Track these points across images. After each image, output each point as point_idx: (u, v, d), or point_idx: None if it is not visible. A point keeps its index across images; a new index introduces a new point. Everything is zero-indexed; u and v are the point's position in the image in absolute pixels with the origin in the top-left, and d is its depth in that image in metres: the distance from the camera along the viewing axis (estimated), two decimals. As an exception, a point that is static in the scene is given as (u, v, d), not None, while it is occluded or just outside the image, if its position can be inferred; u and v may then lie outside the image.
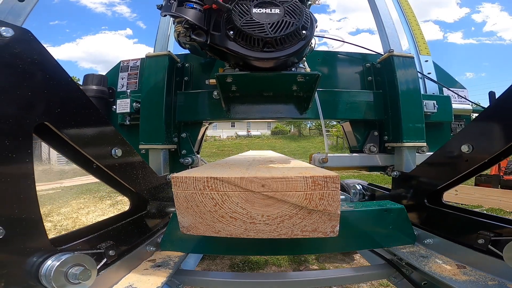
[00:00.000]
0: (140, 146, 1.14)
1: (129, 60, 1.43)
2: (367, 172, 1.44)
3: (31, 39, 0.57)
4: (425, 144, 1.14)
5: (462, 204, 4.18)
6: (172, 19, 0.93)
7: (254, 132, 29.38)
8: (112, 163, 0.77)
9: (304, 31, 0.85)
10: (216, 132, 27.57)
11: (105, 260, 0.72)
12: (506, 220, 0.79)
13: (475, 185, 5.15)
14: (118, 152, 0.77)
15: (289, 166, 0.81)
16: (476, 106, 1.43)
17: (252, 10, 0.85)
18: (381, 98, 1.26)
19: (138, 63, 1.41)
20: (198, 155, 1.27)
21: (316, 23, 0.98)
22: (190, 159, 1.23)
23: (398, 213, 0.94)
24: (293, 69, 0.96)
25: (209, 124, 1.50)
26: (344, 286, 1.71)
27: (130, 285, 0.70)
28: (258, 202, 0.62)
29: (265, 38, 0.81)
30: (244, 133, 28.99)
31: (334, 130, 20.08)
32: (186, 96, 1.24)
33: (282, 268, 2.13)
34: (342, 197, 1.39)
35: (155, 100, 1.14)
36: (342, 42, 1.42)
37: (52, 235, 2.36)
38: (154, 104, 1.14)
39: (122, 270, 0.75)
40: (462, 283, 0.69)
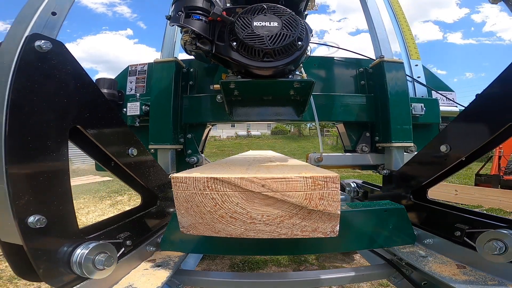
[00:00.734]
0: (150, 146, 1.25)
1: (137, 65, 1.54)
2: (367, 172, 1.51)
3: (65, 51, 0.65)
4: (413, 144, 1.24)
5: (462, 204, 4.22)
6: (179, 28, 1.03)
7: (254, 132, 29.32)
8: (129, 161, 0.87)
9: (300, 42, 0.96)
10: (216, 132, 27.46)
11: (123, 250, 0.81)
12: (480, 214, 0.89)
13: (475, 185, 5.16)
14: (134, 152, 0.88)
15: (289, 166, 0.82)
16: (464, 108, 1.53)
17: (253, 23, 0.95)
18: (373, 101, 1.36)
19: (146, 68, 1.51)
20: (202, 155, 1.38)
21: (312, 33, 1.08)
22: (195, 158, 1.33)
23: (398, 213, 0.96)
24: (290, 76, 1.06)
25: (212, 126, 1.60)
26: (344, 286, 1.74)
27: (130, 285, 0.71)
28: (258, 202, 0.63)
29: (265, 49, 0.91)
30: (244, 133, 28.94)
31: (334, 131, 20.21)
32: (192, 100, 1.35)
33: (282, 268, 2.16)
34: (342, 197, 1.46)
35: (164, 104, 1.25)
36: (337, 47, 1.53)
37: None
38: (163, 107, 1.25)
39: (122, 270, 0.75)
40: (462, 283, 0.70)
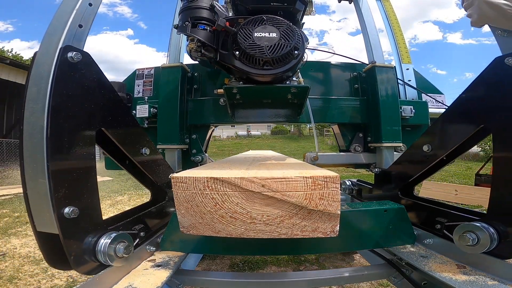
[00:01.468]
0: (158, 146, 1.34)
1: (144, 69, 1.64)
2: (366, 173, 1.57)
3: (91, 61, 0.74)
4: (402, 144, 1.34)
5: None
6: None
7: (254, 132, 29.22)
8: (142, 160, 0.97)
9: (296, 51, 1.05)
10: (216, 132, 27.33)
11: (138, 240, 0.90)
12: (457, 209, 0.98)
13: (475, 185, 5.09)
14: (147, 151, 0.98)
15: (289, 166, 0.83)
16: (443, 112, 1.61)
17: (254, 34, 1.05)
18: (365, 104, 1.46)
19: (152, 72, 1.61)
20: (206, 154, 1.49)
21: (307, 42, 1.19)
22: (200, 157, 1.44)
23: (398, 213, 0.97)
24: (288, 82, 1.16)
25: (215, 127, 1.71)
26: (344, 286, 1.76)
27: (130, 285, 0.71)
28: (258, 202, 0.63)
29: (265, 59, 1.01)
30: (244, 133, 28.88)
31: (335, 131, 20.24)
32: (196, 103, 1.45)
33: (282, 268, 2.18)
34: (342, 197, 1.49)
35: (171, 106, 1.35)
36: (333, 53, 1.63)
37: None
38: (170, 110, 1.35)
39: (122, 270, 0.76)
40: (462, 283, 0.70)
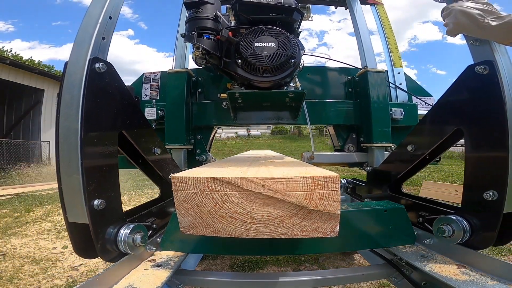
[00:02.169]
0: (166, 146, 1.45)
1: (151, 73, 1.75)
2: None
3: (114, 71, 0.83)
4: (392, 144, 1.45)
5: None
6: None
7: (254, 132, 29.13)
8: (154, 159, 1.08)
9: (293, 60, 1.16)
10: (217, 132, 27.39)
11: (151, 231, 1.00)
12: (437, 203, 1.08)
13: None
14: (158, 151, 1.09)
15: (289, 166, 0.84)
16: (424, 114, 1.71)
17: (255, 44, 1.16)
18: (358, 107, 1.57)
19: (159, 76, 1.73)
20: (210, 153, 1.60)
21: (303, 50, 1.30)
22: (204, 157, 1.55)
23: (398, 213, 0.98)
24: (286, 87, 1.27)
25: (218, 128, 1.83)
26: (344, 286, 1.79)
27: (130, 285, 0.72)
28: (258, 202, 0.63)
29: (264, 67, 1.12)
30: (244, 133, 28.90)
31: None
32: (201, 106, 1.57)
33: (282, 268, 2.20)
34: (342, 197, 1.54)
35: (177, 109, 1.47)
36: (328, 58, 1.75)
37: (53, 235, 2.77)
38: (177, 113, 1.47)
39: (122, 270, 0.77)
40: (462, 283, 0.70)
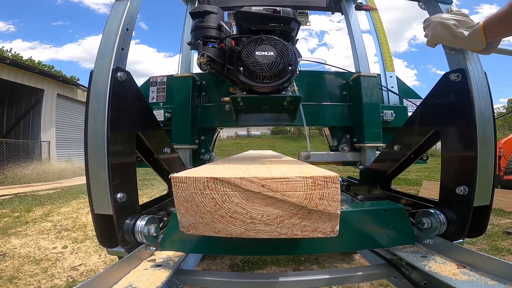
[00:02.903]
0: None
1: (157, 77, 1.88)
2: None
3: (132, 79, 0.94)
4: (383, 144, 1.58)
5: None
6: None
7: (254, 132, 29.16)
8: (164, 157, 1.21)
9: (290, 67, 1.28)
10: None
11: (162, 223, 1.08)
12: (419, 198, 1.20)
13: None
14: (168, 150, 1.22)
15: (289, 166, 0.84)
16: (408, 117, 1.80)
17: (255, 53, 1.28)
18: (352, 109, 1.69)
19: (165, 80, 1.85)
20: (213, 153, 1.73)
21: (300, 57, 1.41)
22: (208, 156, 1.69)
23: (398, 213, 0.99)
24: (284, 92, 1.39)
25: (221, 129, 1.96)
26: (344, 286, 1.81)
27: (130, 285, 0.73)
28: (258, 202, 0.64)
29: (264, 74, 1.25)
30: (244, 133, 28.96)
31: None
32: (205, 108, 1.69)
33: (282, 268, 2.23)
34: (343, 197, 1.57)
35: (183, 112, 1.60)
36: (325, 63, 1.88)
37: (53, 235, 3.17)
38: (183, 114, 1.60)
39: (122, 270, 0.79)
40: (462, 283, 0.71)
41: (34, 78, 10.85)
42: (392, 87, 1.83)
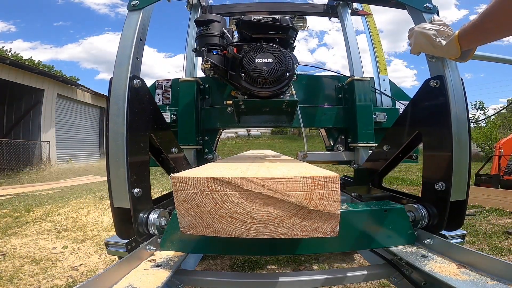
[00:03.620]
0: (178, 146, 1.72)
1: (163, 80, 2.01)
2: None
3: (145, 85, 1.06)
4: (374, 144, 1.70)
5: None
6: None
7: (254, 132, 29.25)
8: (172, 156, 1.34)
9: (288, 73, 1.41)
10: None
11: (170, 217, 1.21)
12: (406, 194, 1.32)
13: (475, 185, 5.28)
14: (175, 150, 1.35)
15: (289, 166, 0.85)
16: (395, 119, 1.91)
17: (256, 60, 1.41)
18: (346, 111, 1.82)
19: (170, 83, 1.97)
20: (216, 153, 1.86)
21: (297, 63, 1.54)
22: (211, 155, 1.82)
23: (398, 213, 1.00)
24: (282, 96, 1.52)
25: (223, 130, 2.09)
26: (344, 286, 1.82)
27: (130, 285, 0.73)
28: (258, 202, 0.64)
29: (264, 80, 1.38)
30: (244, 133, 29.04)
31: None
32: (208, 110, 1.83)
33: (282, 268, 2.25)
34: (343, 197, 1.62)
35: (188, 114, 1.73)
36: (321, 68, 2.01)
37: (53, 235, 3.34)
38: (188, 117, 1.73)
39: (122, 270, 0.80)
40: (462, 283, 0.71)
41: (34, 78, 10.97)
42: (385, 90, 1.95)
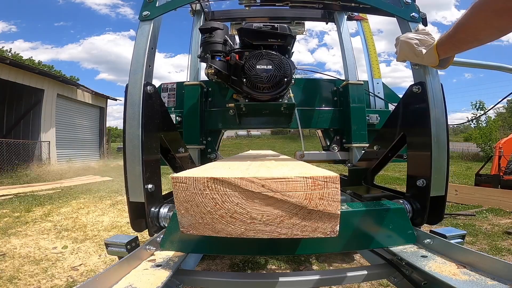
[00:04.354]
0: (183, 146, 1.86)
1: (168, 83, 2.15)
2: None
3: (157, 90, 1.16)
4: (367, 144, 1.84)
5: (462, 204, 4.45)
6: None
7: (254, 132, 29.43)
8: (179, 156, 1.48)
9: (286, 79, 1.54)
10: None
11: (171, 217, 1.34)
12: (393, 190, 1.39)
13: (475, 185, 5.31)
14: (182, 150, 1.49)
15: (289, 166, 0.86)
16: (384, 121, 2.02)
17: (257, 67, 1.54)
18: (342, 113, 1.96)
19: (175, 86, 2.12)
20: (218, 152, 2.01)
21: (295, 69, 1.68)
22: (214, 155, 1.97)
23: (398, 213, 1.02)
24: (281, 100, 1.66)
25: (225, 131, 2.25)
26: (344, 286, 1.83)
27: (130, 285, 0.74)
28: (258, 202, 0.65)
29: (264, 85, 1.51)
30: (244, 133, 29.18)
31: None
32: (211, 112, 1.98)
33: (282, 268, 2.30)
34: (342, 198, 1.61)
35: (193, 116, 1.88)
36: (319, 72, 2.15)
37: (53, 235, 3.49)
38: (192, 118, 1.87)
39: (122, 270, 0.80)
40: (462, 283, 0.72)
41: (34, 78, 11.08)
42: (379, 93, 2.09)
